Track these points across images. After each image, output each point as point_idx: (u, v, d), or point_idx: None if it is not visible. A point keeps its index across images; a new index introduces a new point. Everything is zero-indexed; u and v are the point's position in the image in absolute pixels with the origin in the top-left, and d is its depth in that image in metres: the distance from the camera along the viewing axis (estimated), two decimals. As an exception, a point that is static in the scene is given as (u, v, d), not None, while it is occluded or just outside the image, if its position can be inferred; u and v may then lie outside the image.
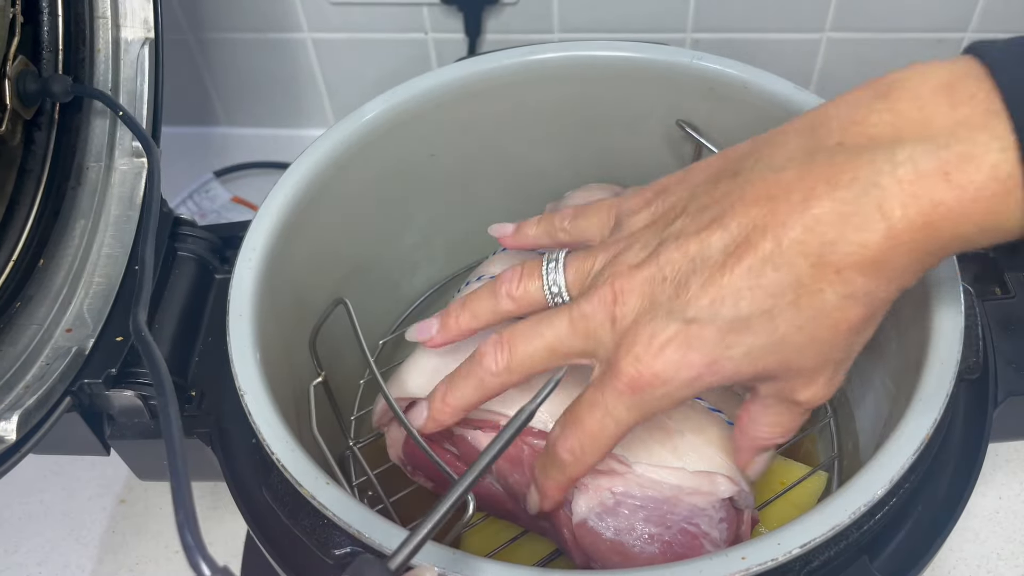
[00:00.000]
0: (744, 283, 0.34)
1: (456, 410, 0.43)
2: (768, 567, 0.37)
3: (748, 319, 0.34)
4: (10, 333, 0.50)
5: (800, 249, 0.33)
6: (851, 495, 0.39)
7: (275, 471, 0.45)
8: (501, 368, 0.40)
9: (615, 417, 0.37)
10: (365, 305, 0.55)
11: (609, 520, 0.43)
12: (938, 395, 0.41)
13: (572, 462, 0.39)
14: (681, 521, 0.42)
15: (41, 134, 0.55)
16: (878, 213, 0.31)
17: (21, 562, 0.67)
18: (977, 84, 0.31)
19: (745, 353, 0.35)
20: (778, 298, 0.33)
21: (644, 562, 0.42)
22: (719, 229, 0.35)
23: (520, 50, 0.58)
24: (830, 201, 0.32)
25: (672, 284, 0.35)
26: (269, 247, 0.50)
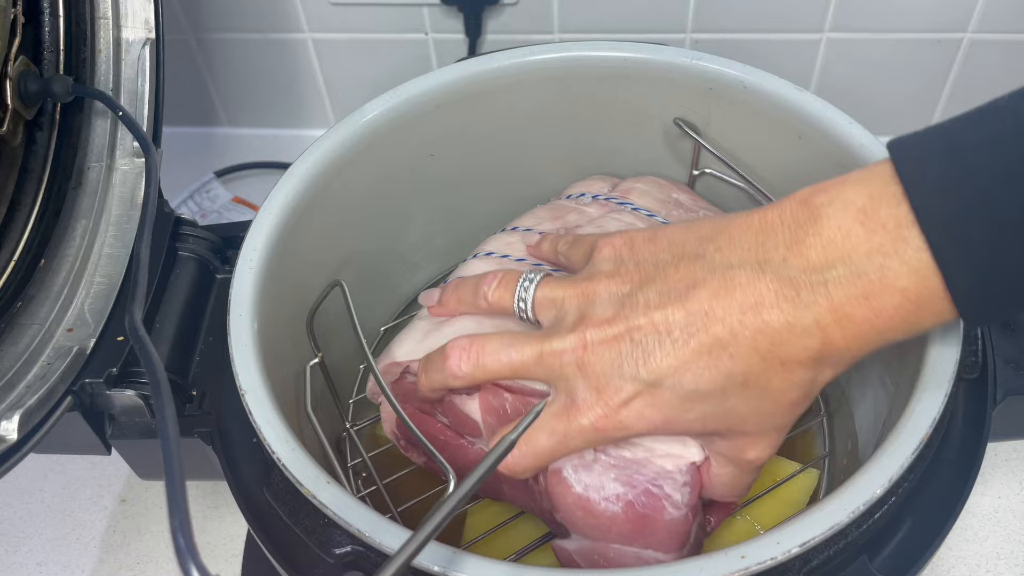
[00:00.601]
0: (703, 363, 0.38)
1: (431, 391, 0.47)
2: (767, 566, 0.37)
3: (704, 393, 0.39)
4: (11, 333, 0.51)
5: (752, 345, 0.38)
6: (850, 494, 0.39)
7: (276, 470, 0.45)
8: (465, 372, 0.44)
9: (569, 446, 0.42)
10: (365, 303, 0.55)
11: (582, 474, 0.44)
12: (937, 394, 0.41)
13: (515, 474, 0.44)
14: (646, 482, 0.43)
15: (42, 134, 0.55)
16: (816, 326, 0.37)
17: (21, 562, 0.67)
18: (888, 211, 0.35)
19: (698, 417, 0.40)
20: (730, 380, 0.38)
21: (605, 520, 0.43)
22: (681, 309, 0.39)
23: (520, 50, 0.58)
24: (778, 311, 0.37)
25: (640, 348, 0.40)
26: (269, 247, 0.50)
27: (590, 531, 0.44)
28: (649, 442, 0.44)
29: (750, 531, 0.54)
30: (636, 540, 0.44)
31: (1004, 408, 0.50)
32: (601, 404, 0.41)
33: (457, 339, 0.45)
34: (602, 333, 0.41)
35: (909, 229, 0.35)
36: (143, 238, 0.47)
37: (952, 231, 0.34)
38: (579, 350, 0.41)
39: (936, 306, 0.35)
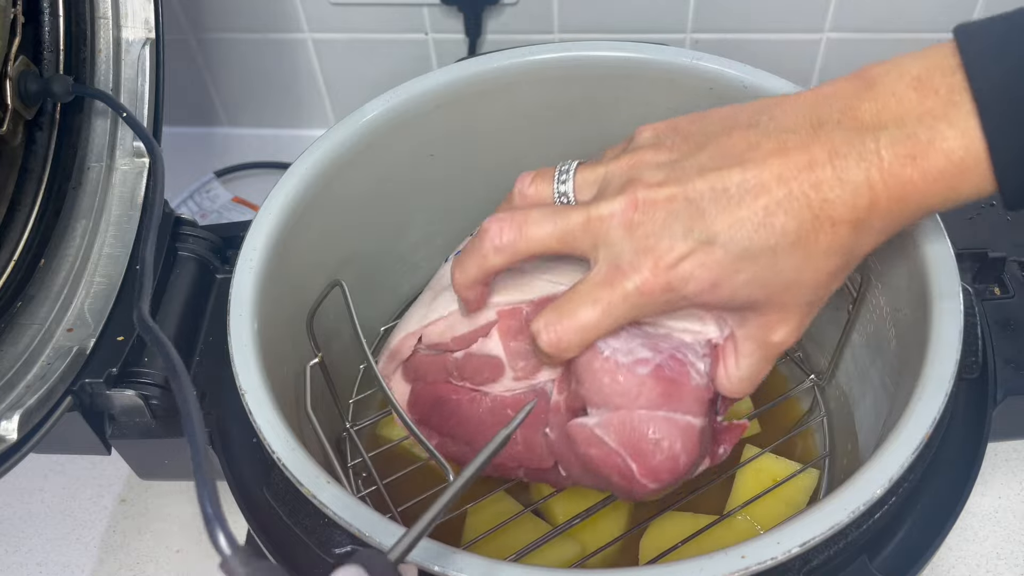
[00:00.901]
0: (758, 220, 0.39)
1: (466, 286, 0.46)
2: (768, 566, 0.37)
3: (756, 252, 0.39)
4: (11, 332, 0.51)
5: (806, 201, 0.38)
6: (850, 494, 0.39)
7: (276, 470, 0.45)
8: (507, 241, 0.43)
9: (614, 315, 0.41)
10: (365, 303, 0.55)
11: (610, 340, 0.43)
12: (938, 394, 0.41)
13: (552, 354, 0.43)
14: (671, 350, 0.44)
15: (42, 134, 0.55)
16: (866, 184, 0.38)
17: (21, 562, 0.67)
18: (942, 79, 0.37)
19: (746, 281, 0.40)
20: (782, 238, 0.39)
21: (634, 384, 0.43)
22: (739, 170, 0.39)
23: (520, 50, 0.58)
24: (831, 168, 0.38)
25: (693, 207, 0.40)
26: (270, 247, 0.50)
27: (617, 398, 0.43)
28: (670, 321, 0.44)
29: (750, 531, 0.54)
30: (665, 404, 0.43)
31: (1004, 408, 0.50)
32: (649, 265, 0.40)
33: (493, 216, 0.44)
34: (653, 194, 0.40)
35: (961, 95, 0.37)
36: (148, 240, 0.47)
37: (1001, 99, 0.36)
38: (628, 211, 0.40)
39: (978, 174, 0.37)
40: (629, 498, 0.46)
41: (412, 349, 0.51)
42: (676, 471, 0.43)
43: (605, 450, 0.44)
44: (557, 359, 0.43)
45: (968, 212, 0.59)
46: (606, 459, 0.44)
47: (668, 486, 0.44)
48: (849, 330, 0.55)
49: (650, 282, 0.40)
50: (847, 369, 0.57)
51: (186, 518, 0.68)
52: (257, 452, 0.49)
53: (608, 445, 0.43)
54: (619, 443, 0.43)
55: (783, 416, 0.62)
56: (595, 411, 0.44)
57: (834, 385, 0.59)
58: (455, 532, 0.56)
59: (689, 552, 0.51)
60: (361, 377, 0.62)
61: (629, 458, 0.43)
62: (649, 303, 0.41)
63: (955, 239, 0.47)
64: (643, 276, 0.40)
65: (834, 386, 0.59)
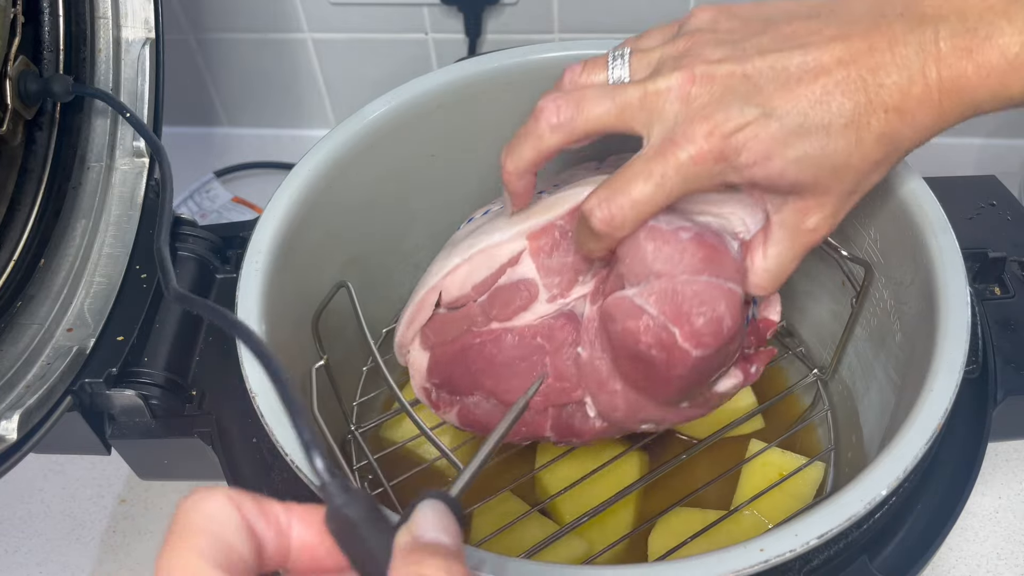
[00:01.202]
0: (815, 97, 0.40)
1: (514, 172, 0.46)
2: (787, 558, 0.37)
3: (810, 128, 0.40)
4: (11, 332, 0.50)
5: (862, 84, 0.39)
6: (866, 485, 0.39)
7: (276, 471, 0.45)
8: (564, 119, 0.43)
9: (667, 188, 0.41)
10: (368, 305, 0.55)
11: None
12: (949, 383, 0.42)
13: (606, 232, 0.42)
14: (707, 224, 0.44)
15: (42, 134, 0.55)
16: (921, 73, 0.39)
17: (21, 562, 0.67)
18: None
19: (796, 158, 0.40)
20: (836, 118, 0.40)
21: (677, 249, 0.42)
22: (800, 52, 0.40)
23: (520, 50, 0.58)
24: (891, 55, 0.39)
25: (751, 83, 0.40)
26: (275, 249, 0.50)
27: (659, 264, 0.43)
28: (703, 205, 0.45)
29: (758, 525, 0.54)
30: (707, 269, 0.43)
31: (1004, 408, 0.50)
32: (703, 133, 0.40)
33: (547, 95, 0.44)
34: (711, 69, 0.41)
35: None
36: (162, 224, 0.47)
37: None
38: (686, 85, 0.41)
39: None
40: (666, 384, 0.45)
41: (432, 307, 0.50)
42: (720, 334, 0.43)
43: (644, 320, 0.43)
44: (610, 239, 0.43)
45: (968, 212, 0.59)
46: (645, 330, 0.43)
47: (712, 355, 0.43)
48: (852, 324, 0.55)
49: (704, 150, 0.40)
50: (850, 363, 0.57)
51: (186, 518, 0.68)
52: (257, 452, 0.49)
53: (648, 312, 0.43)
54: (660, 310, 0.42)
55: (786, 411, 0.62)
56: (632, 287, 0.43)
57: (837, 379, 0.59)
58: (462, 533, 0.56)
59: (698, 548, 0.51)
60: (365, 379, 0.62)
61: (671, 323, 0.42)
62: (702, 173, 0.41)
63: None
64: (697, 145, 0.40)
65: (837, 380, 0.59)
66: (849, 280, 0.53)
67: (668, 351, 0.43)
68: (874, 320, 0.53)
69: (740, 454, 0.58)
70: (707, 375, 0.46)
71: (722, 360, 0.45)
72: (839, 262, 0.53)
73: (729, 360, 0.46)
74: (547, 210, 0.48)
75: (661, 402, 0.47)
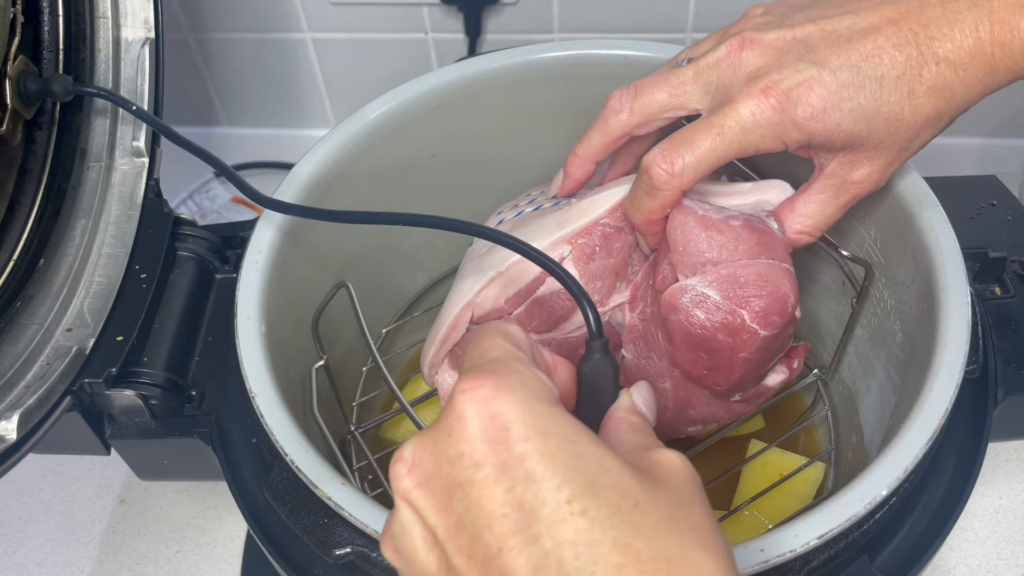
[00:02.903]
0: (868, 51, 0.41)
1: (584, 159, 0.49)
2: (787, 558, 0.37)
3: (863, 81, 0.41)
4: (11, 332, 0.50)
5: (913, 37, 0.41)
6: (866, 485, 0.39)
7: (275, 471, 0.45)
8: (624, 106, 0.46)
9: (727, 139, 0.42)
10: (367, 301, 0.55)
11: (699, 204, 0.45)
12: (950, 382, 0.42)
13: (667, 181, 0.43)
14: (749, 213, 0.46)
15: (42, 134, 0.54)
16: (973, 26, 0.40)
17: (21, 562, 0.67)
18: None
19: (851, 110, 0.41)
20: (889, 70, 0.41)
21: (731, 236, 0.44)
22: (850, 15, 0.42)
23: (520, 50, 0.58)
24: (942, 9, 0.40)
25: (802, 43, 0.42)
26: (275, 249, 0.50)
27: (715, 251, 0.44)
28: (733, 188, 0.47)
29: (758, 525, 0.54)
30: (762, 252, 0.44)
31: (1004, 408, 0.50)
32: (760, 89, 0.41)
33: (614, 91, 0.47)
34: (761, 35, 0.43)
35: None
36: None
37: None
38: (736, 51, 0.43)
39: None
40: (729, 369, 0.45)
41: (467, 325, 0.50)
42: (786, 312, 0.44)
43: (710, 307, 0.44)
44: (670, 192, 0.43)
45: (968, 212, 0.59)
46: (711, 317, 0.44)
47: (778, 333, 0.44)
48: (852, 325, 0.55)
49: (763, 105, 0.41)
50: (850, 363, 0.57)
51: (186, 518, 0.68)
52: (257, 452, 0.49)
53: (712, 299, 0.44)
54: (724, 295, 0.44)
55: (786, 411, 0.62)
56: (693, 275, 0.45)
57: (837, 379, 0.59)
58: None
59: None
60: (365, 379, 0.62)
61: (737, 306, 0.44)
62: (762, 126, 0.42)
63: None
64: (755, 99, 0.41)
65: (837, 380, 0.59)
66: (849, 280, 0.53)
67: (735, 334, 0.44)
68: (874, 320, 0.53)
69: (740, 454, 0.58)
70: (769, 358, 0.47)
71: (784, 341, 0.46)
72: (839, 262, 0.53)
73: (788, 342, 0.47)
74: (585, 213, 0.49)
75: (717, 394, 0.48)
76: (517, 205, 0.54)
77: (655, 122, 0.46)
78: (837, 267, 0.54)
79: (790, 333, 0.46)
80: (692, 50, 0.49)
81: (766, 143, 0.42)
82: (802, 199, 0.45)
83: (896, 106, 0.41)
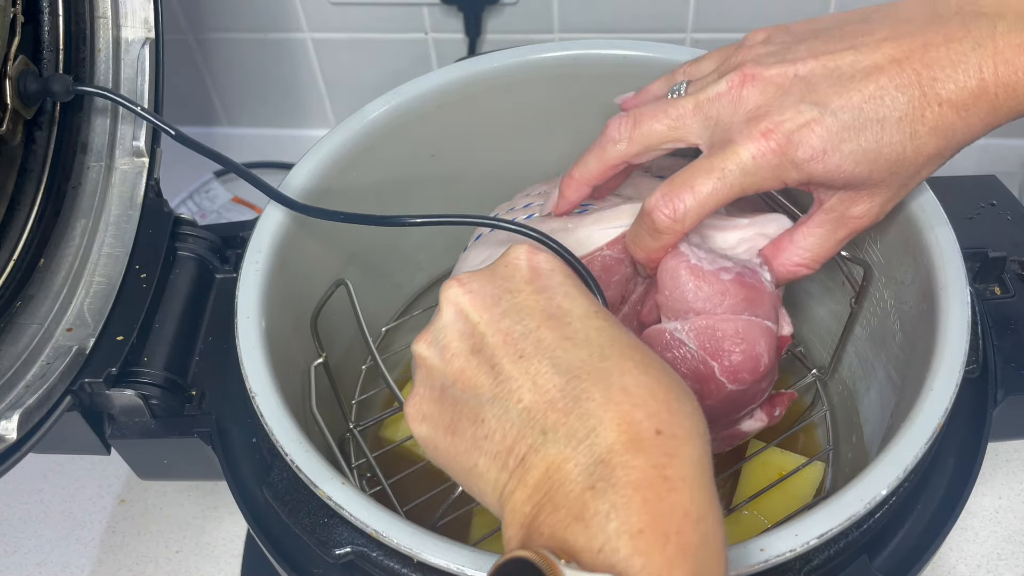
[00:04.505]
0: (870, 93, 0.40)
1: (580, 183, 0.48)
2: (787, 558, 0.37)
3: (864, 123, 0.41)
4: (11, 332, 0.50)
5: (916, 79, 0.40)
6: (866, 484, 0.39)
7: (275, 471, 0.45)
8: (623, 136, 0.45)
9: (728, 183, 0.42)
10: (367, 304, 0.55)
11: (695, 249, 0.45)
12: (949, 382, 0.42)
13: (669, 226, 0.43)
14: (743, 261, 0.46)
15: (42, 134, 0.54)
16: (977, 67, 0.39)
17: (21, 562, 0.67)
18: None
19: (851, 152, 0.41)
20: (891, 112, 0.40)
21: (719, 289, 0.44)
22: (852, 52, 0.41)
23: (520, 50, 0.58)
24: (946, 50, 0.40)
25: (804, 82, 0.41)
26: (275, 249, 0.50)
27: (700, 303, 0.44)
28: (731, 222, 0.46)
29: (757, 525, 0.54)
30: (747, 309, 0.44)
31: (1004, 408, 0.50)
32: (761, 130, 0.41)
33: (613, 118, 0.46)
34: (763, 71, 0.42)
35: None
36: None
37: None
38: (736, 88, 0.42)
39: None
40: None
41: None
42: (757, 371, 0.44)
43: (683, 352, 0.44)
44: (671, 235, 0.44)
45: (968, 212, 0.59)
46: (683, 361, 0.44)
47: (746, 389, 0.45)
48: (852, 324, 0.55)
49: (763, 147, 0.41)
50: (850, 363, 0.57)
51: (186, 518, 0.68)
52: (257, 452, 0.49)
53: (687, 346, 0.44)
54: (699, 345, 0.44)
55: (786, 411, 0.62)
56: (674, 319, 0.45)
57: (837, 379, 0.59)
58: (462, 532, 0.56)
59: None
60: (364, 377, 0.62)
61: (709, 358, 0.44)
62: (762, 169, 0.41)
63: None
64: (756, 142, 0.41)
65: (837, 380, 0.59)
66: (849, 280, 0.53)
67: (703, 383, 0.44)
68: (874, 320, 0.53)
69: (740, 454, 0.58)
70: (737, 409, 0.47)
71: (752, 396, 0.47)
72: (839, 262, 0.53)
73: (759, 397, 0.48)
74: (584, 244, 0.48)
75: None
76: (513, 209, 0.54)
77: (653, 153, 0.46)
78: (837, 267, 0.54)
79: (763, 388, 0.47)
80: (691, 69, 0.48)
81: (767, 183, 0.42)
82: (801, 232, 0.45)
83: (898, 147, 0.41)
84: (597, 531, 0.30)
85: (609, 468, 0.31)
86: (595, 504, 0.30)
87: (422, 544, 0.38)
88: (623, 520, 0.30)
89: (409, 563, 0.40)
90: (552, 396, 0.33)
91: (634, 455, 0.31)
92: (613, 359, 0.34)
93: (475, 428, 0.34)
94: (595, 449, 0.31)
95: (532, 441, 0.33)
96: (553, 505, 0.31)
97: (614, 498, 0.30)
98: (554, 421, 0.33)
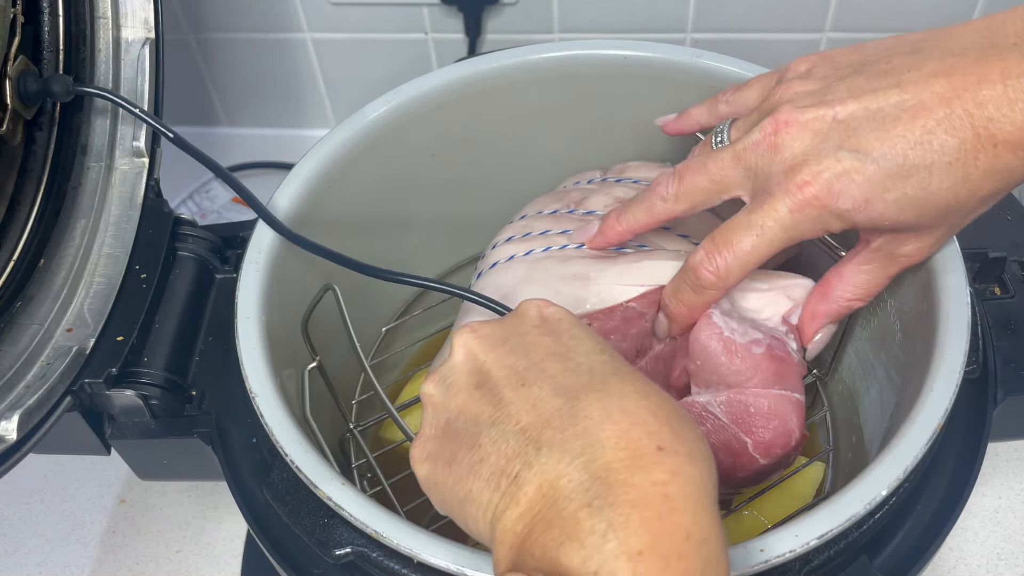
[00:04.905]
0: (915, 139, 0.38)
1: (624, 232, 0.48)
2: (787, 559, 0.37)
3: (910, 169, 0.38)
4: (11, 332, 0.50)
5: (969, 120, 0.37)
6: (866, 485, 0.39)
7: (275, 471, 0.45)
8: (670, 194, 0.45)
9: (768, 239, 0.41)
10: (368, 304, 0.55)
11: (727, 319, 0.45)
12: (949, 383, 0.42)
13: (713, 283, 0.43)
14: (771, 330, 0.46)
15: (42, 134, 0.54)
16: None
17: (21, 562, 0.67)
18: None
19: (896, 200, 0.39)
20: (940, 156, 0.38)
21: (750, 364, 0.44)
22: (896, 90, 0.39)
23: (520, 50, 0.58)
24: (1002, 87, 0.37)
25: (843, 126, 0.39)
26: (275, 250, 0.50)
27: (732, 376, 0.44)
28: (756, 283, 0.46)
29: (757, 525, 0.54)
30: (777, 383, 0.44)
31: (1004, 408, 0.50)
32: (798, 184, 0.40)
33: (662, 172, 0.46)
34: (798, 115, 0.40)
35: None
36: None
37: None
38: (771, 135, 0.41)
39: None
40: (725, 480, 0.46)
41: None
42: (788, 445, 0.45)
43: (716, 425, 0.45)
44: (716, 291, 0.44)
45: (968, 212, 0.59)
46: (715, 434, 0.45)
47: (778, 461, 0.45)
48: (852, 325, 0.55)
49: (800, 200, 0.40)
50: (850, 363, 0.57)
51: (186, 518, 0.68)
52: (257, 452, 0.49)
53: (720, 420, 0.45)
54: (732, 419, 0.44)
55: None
56: (705, 390, 0.45)
57: (837, 379, 0.59)
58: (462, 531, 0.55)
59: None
60: (364, 378, 0.62)
61: (742, 433, 0.44)
62: (801, 223, 0.40)
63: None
64: (793, 196, 0.40)
65: (837, 380, 0.59)
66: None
67: (736, 456, 0.45)
68: (874, 320, 0.53)
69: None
70: (764, 476, 0.47)
71: (784, 463, 0.47)
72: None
73: (787, 465, 0.48)
74: (606, 299, 0.48)
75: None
76: (529, 235, 0.54)
77: (701, 207, 0.45)
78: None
79: (793, 458, 0.47)
80: (733, 99, 0.48)
81: (809, 234, 0.41)
82: (850, 269, 0.45)
83: (948, 193, 0.38)
84: (593, 551, 0.29)
85: (606, 485, 0.30)
86: (591, 523, 0.29)
87: (422, 544, 0.38)
88: (621, 540, 0.28)
89: (409, 563, 0.40)
90: (549, 415, 0.33)
91: (633, 472, 0.30)
92: (614, 384, 0.34)
93: (471, 454, 0.34)
94: (592, 466, 0.30)
95: (526, 458, 0.32)
96: (546, 523, 0.30)
97: (612, 516, 0.29)
98: (549, 437, 0.32)
